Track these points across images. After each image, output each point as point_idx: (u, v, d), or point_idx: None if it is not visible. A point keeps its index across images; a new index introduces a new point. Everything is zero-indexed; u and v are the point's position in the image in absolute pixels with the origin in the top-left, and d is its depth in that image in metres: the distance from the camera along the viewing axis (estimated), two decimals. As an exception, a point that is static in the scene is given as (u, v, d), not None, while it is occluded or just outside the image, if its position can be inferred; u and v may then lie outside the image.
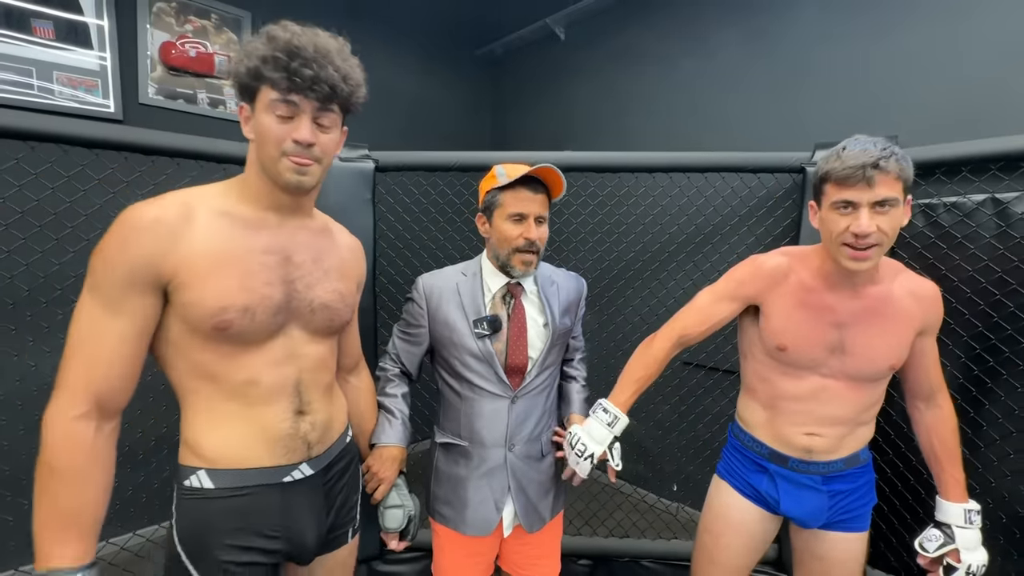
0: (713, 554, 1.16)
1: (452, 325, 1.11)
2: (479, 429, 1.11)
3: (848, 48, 1.82)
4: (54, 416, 0.71)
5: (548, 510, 1.17)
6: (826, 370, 1.04)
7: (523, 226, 1.07)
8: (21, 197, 1.43)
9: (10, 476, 1.67)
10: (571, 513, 2.07)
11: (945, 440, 1.10)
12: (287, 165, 0.79)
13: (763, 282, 1.08)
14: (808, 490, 1.08)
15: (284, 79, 0.74)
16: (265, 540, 0.82)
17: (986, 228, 1.49)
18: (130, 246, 0.72)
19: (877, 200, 0.89)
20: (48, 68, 1.83)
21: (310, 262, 0.87)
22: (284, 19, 0.80)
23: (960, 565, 1.01)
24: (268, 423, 0.82)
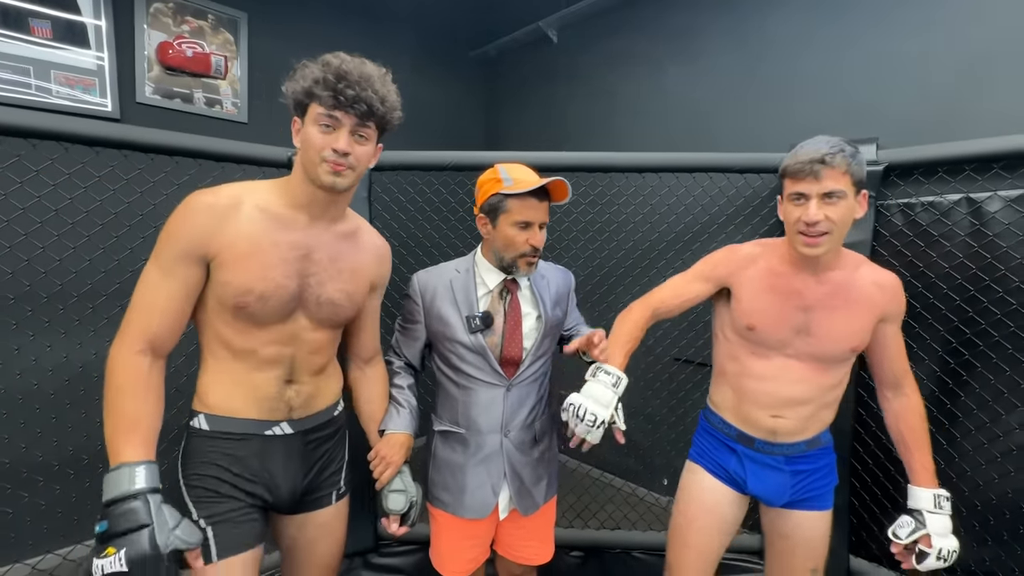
0: (687, 537, 1.20)
1: (446, 320, 1.15)
2: (475, 417, 1.15)
3: (831, 53, 1.87)
4: (119, 350, 0.87)
5: (541, 495, 1.21)
6: (791, 351, 1.11)
7: (529, 232, 1.11)
8: (22, 193, 1.46)
9: (10, 469, 1.69)
10: (563, 506, 2.12)
11: (913, 427, 1.15)
12: (326, 168, 0.91)
13: (736, 265, 1.17)
14: (772, 470, 1.15)
15: (331, 97, 0.88)
16: (245, 482, 0.96)
17: (961, 226, 1.56)
18: (187, 224, 0.88)
19: (825, 192, 0.98)
20: (46, 67, 1.85)
21: (327, 261, 0.99)
22: (279, 21, 0.86)
23: (931, 550, 1.04)
24: (259, 385, 0.96)
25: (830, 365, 1.11)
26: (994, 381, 1.53)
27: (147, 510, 0.78)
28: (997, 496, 1.53)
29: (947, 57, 1.63)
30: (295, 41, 2.44)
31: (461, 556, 1.20)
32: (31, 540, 1.68)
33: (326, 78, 0.88)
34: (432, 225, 2.19)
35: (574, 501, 2.09)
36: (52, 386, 1.69)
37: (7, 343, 1.56)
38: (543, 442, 1.23)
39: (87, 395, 1.79)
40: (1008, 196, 1.47)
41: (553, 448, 1.28)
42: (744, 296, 1.14)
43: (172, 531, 0.80)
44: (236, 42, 2.27)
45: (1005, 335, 1.49)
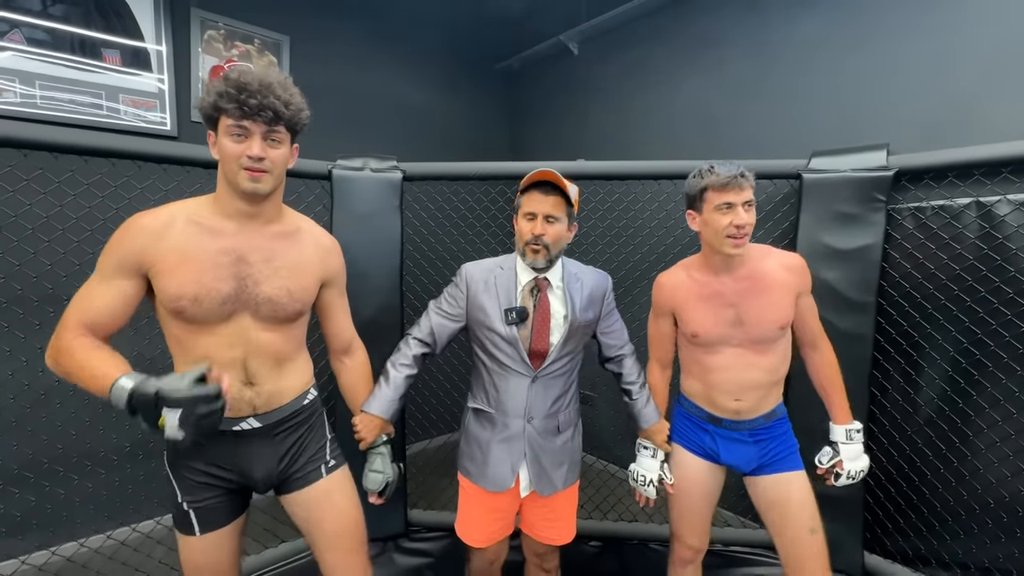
0: (683, 507, 1.41)
1: (486, 311, 1.27)
2: (504, 400, 1.27)
3: (843, 62, 1.93)
4: (61, 338, 0.95)
5: (561, 479, 1.31)
6: (735, 341, 1.30)
7: (533, 223, 1.23)
8: (103, 206, 1.65)
9: (63, 455, 1.88)
10: (583, 498, 2.20)
11: (829, 376, 1.37)
12: (244, 176, 0.99)
13: (667, 293, 1.39)
14: (739, 443, 1.35)
15: (236, 108, 0.95)
16: (219, 470, 1.08)
17: (971, 230, 1.59)
18: (124, 241, 0.98)
19: (746, 200, 1.22)
20: (115, 92, 2.06)
21: (261, 262, 1.05)
22: (318, 42, 0.99)
23: (843, 471, 1.33)
24: None
25: (768, 345, 1.30)
26: (1005, 380, 1.56)
27: (148, 383, 0.85)
28: (1010, 494, 1.56)
29: (959, 62, 1.67)
30: (332, 61, 2.62)
31: (484, 527, 1.31)
32: (79, 520, 1.88)
33: (228, 91, 0.94)
34: (459, 232, 2.32)
35: (593, 493, 2.17)
36: None
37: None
38: (566, 432, 1.33)
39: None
40: (1017, 199, 1.51)
41: (576, 439, 1.38)
42: (684, 313, 1.35)
43: (180, 380, 0.86)
44: (279, 63, 2.46)
45: (1016, 335, 1.52)
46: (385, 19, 2.80)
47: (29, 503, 1.77)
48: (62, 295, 1.76)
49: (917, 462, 1.73)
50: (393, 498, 1.96)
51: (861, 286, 1.73)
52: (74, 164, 1.44)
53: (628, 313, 2.35)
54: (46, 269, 1.59)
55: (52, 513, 1.85)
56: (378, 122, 2.82)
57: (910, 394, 1.74)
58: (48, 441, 1.76)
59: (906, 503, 1.76)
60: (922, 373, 1.72)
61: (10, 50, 1.86)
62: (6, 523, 1.76)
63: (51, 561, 1.66)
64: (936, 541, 1.71)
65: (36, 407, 1.77)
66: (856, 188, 1.72)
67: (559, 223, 1.24)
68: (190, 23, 2.22)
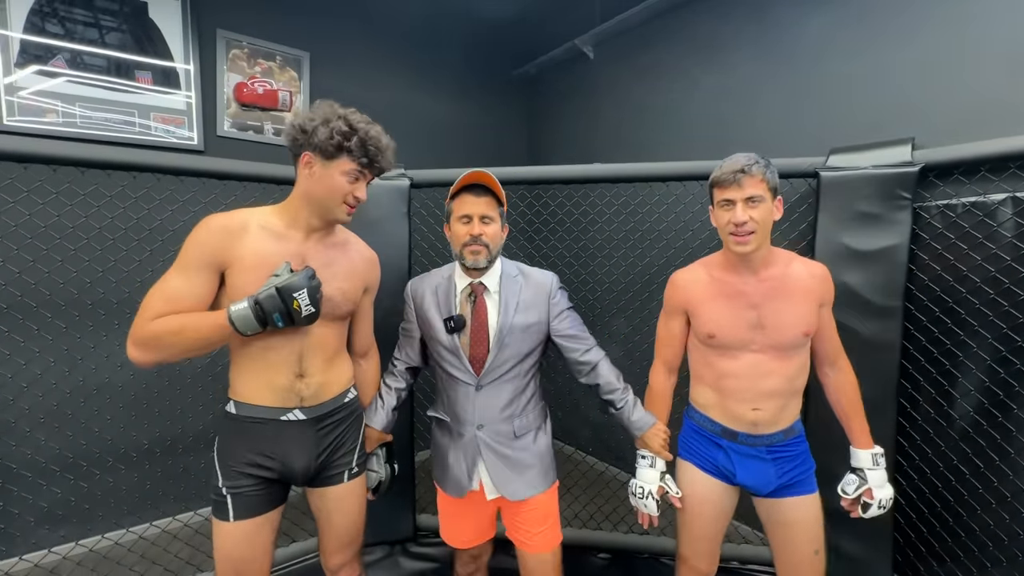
0: (691, 529, 1.31)
1: (431, 323, 1.29)
2: (455, 409, 1.28)
3: (860, 56, 1.82)
4: (142, 328, 1.03)
5: (529, 484, 1.26)
6: (755, 346, 1.22)
7: (470, 225, 1.23)
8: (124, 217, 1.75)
9: (99, 457, 1.99)
10: (591, 508, 2.15)
11: (850, 397, 1.28)
12: (344, 210, 1.15)
13: (681, 290, 1.32)
14: (757, 460, 1.25)
15: (364, 160, 1.12)
16: (264, 459, 1.13)
17: (1007, 227, 1.47)
18: (205, 240, 1.07)
19: (747, 196, 1.14)
20: (146, 110, 2.19)
21: (322, 267, 1.15)
22: (337, 57, 1.04)
23: (873, 501, 1.23)
24: (273, 379, 1.13)
25: (789, 352, 1.22)
26: (1050, 393, 1.42)
27: (266, 293, 1.01)
28: (1058, 518, 1.41)
29: (983, 52, 1.56)
30: (351, 75, 2.70)
31: (459, 529, 1.33)
32: (101, 514, 1.99)
33: (360, 140, 1.09)
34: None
35: (603, 503, 2.12)
36: (135, 383, 1.99)
37: (101, 347, 1.86)
38: (525, 437, 1.28)
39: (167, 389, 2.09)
40: (1059, 194, 1.38)
41: (539, 442, 1.31)
42: (699, 311, 1.27)
43: (286, 275, 1.04)
44: (299, 78, 2.56)
45: (1060, 343, 1.39)
46: (402, 32, 2.86)
47: (55, 496, 1.88)
48: (85, 300, 1.90)
49: (952, 480, 1.60)
50: (402, 503, 2.00)
51: (886, 290, 1.62)
52: (124, 180, 1.58)
53: (646, 311, 2.31)
54: (72, 275, 1.70)
55: (75, 507, 1.97)
56: (398, 132, 2.85)
57: (943, 406, 1.61)
58: (73, 437, 1.87)
59: (940, 525, 1.62)
60: (956, 384, 1.59)
61: (55, 74, 2.01)
62: (36, 514, 1.87)
63: (73, 553, 1.77)
64: (975, 567, 1.56)
65: (63, 405, 1.89)
66: (878, 185, 1.62)
67: (494, 223, 1.25)
68: (216, 43, 2.34)
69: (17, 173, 1.48)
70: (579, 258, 2.38)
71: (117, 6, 2.13)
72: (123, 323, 1.93)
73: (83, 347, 1.88)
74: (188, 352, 1.04)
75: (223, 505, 1.12)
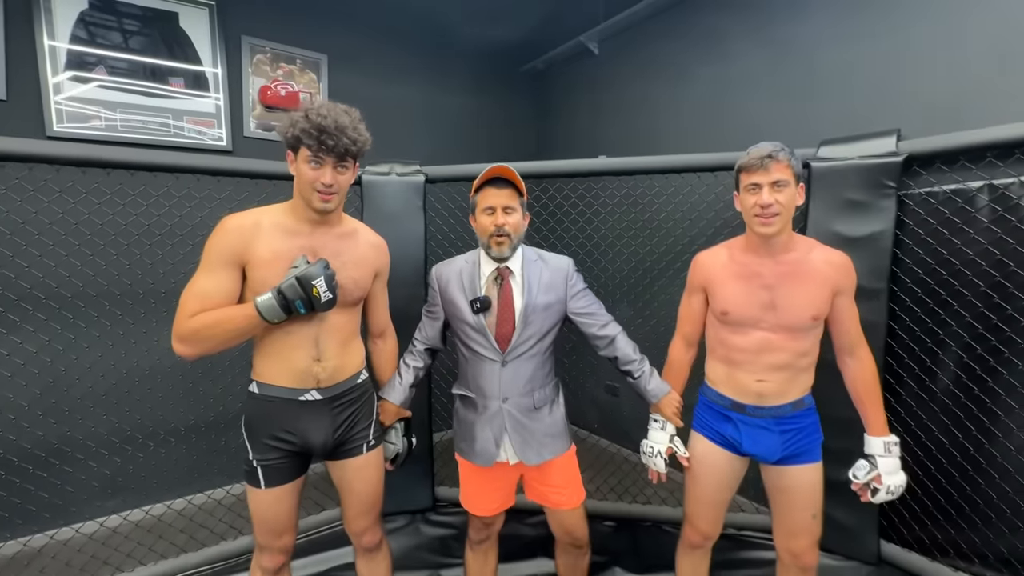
0: (697, 493, 1.41)
1: (456, 304, 1.40)
2: (481, 384, 1.39)
3: (851, 51, 1.91)
4: (183, 324, 1.15)
5: (547, 449, 1.40)
6: (765, 325, 1.29)
7: (493, 216, 1.34)
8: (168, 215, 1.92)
9: (152, 431, 2.18)
10: (598, 481, 2.30)
11: (868, 386, 1.34)
12: (317, 197, 1.20)
13: (704, 269, 1.40)
14: (764, 431, 1.32)
15: (315, 145, 1.15)
16: (286, 434, 1.25)
17: (984, 213, 1.57)
18: (223, 241, 1.18)
19: (773, 180, 1.22)
20: (180, 114, 2.36)
21: (331, 257, 1.24)
22: (353, 58, 1.14)
23: (882, 486, 1.27)
24: (293, 362, 1.24)
25: (799, 333, 1.28)
26: (1022, 367, 1.52)
27: (287, 283, 1.12)
28: (1029, 482, 1.53)
29: (968, 45, 1.64)
30: (367, 75, 2.84)
31: (483, 498, 1.45)
32: (155, 484, 2.19)
33: (309, 131, 1.14)
34: (479, 228, 2.47)
35: (608, 476, 2.27)
36: (182, 366, 2.18)
37: (151, 333, 2.05)
38: (543, 409, 1.41)
39: (209, 372, 2.27)
40: (1031, 181, 1.48)
41: (555, 413, 1.44)
42: (716, 290, 1.36)
43: (303, 266, 1.15)
44: (319, 80, 2.70)
45: (1032, 320, 1.49)
46: (415, 33, 2.99)
47: (114, 467, 2.08)
48: (137, 290, 2.08)
49: (933, 450, 1.71)
50: (422, 477, 2.16)
51: (873, 273, 1.72)
52: (168, 180, 1.76)
53: (655, 302, 2.44)
54: (125, 268, 1.88)
55: (130, 478, 2.17)
56: (413, 130, 3.02)
57: (925, 381, 1.72)
58: (128, 415, 2.07)
59: (923, 492, 1.74)
60: (937, 360, 1.69)
61: (95, 81, 2.18)
62: (89, 490, 2.08)
63: (130, 519, 1.97)
64: (953, 530, 1.68)
65: (119, 386, 2.08)
66: (865, 175, 1.72)
67: (516, 213, 1.36)
68: (241, 48, 2.49)
69: (76, 176, 1.65)
70: (584, 247, 2.50)
71: (151, 16, 2.29)
72: (164, 315, 2.14)
73: (136, 333, 2.08)
74: (225, 343, 1.16)
75: (255, 475, 1.26)
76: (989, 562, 1.61)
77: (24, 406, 1.90)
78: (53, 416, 2.00)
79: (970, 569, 1.65)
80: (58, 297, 1.92)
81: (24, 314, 1.87)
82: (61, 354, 1.97)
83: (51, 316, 1.92)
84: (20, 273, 1.79)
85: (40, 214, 1.75)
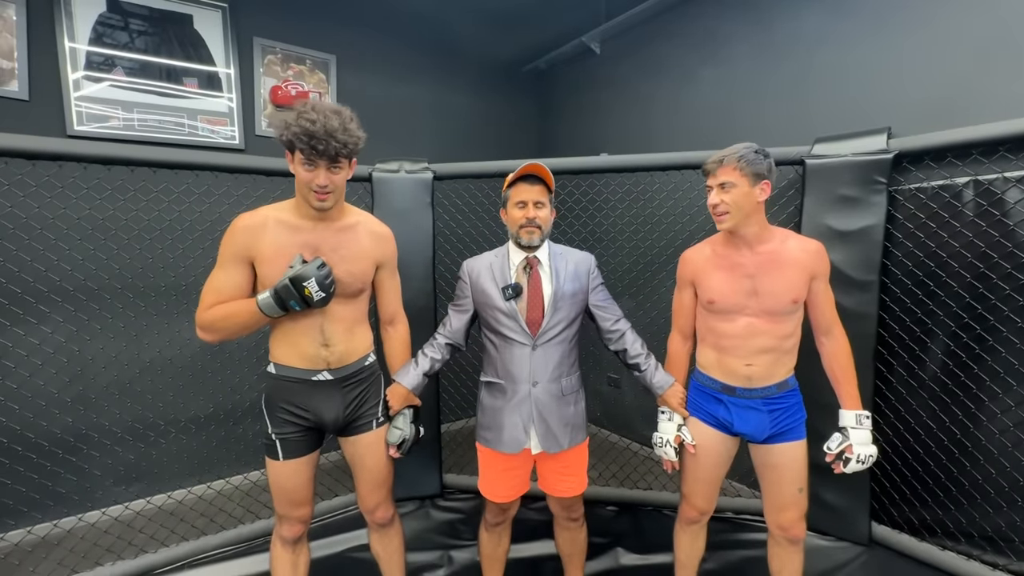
0: (692, 471, 1.49)
1: (488, 293, 1.48)
2: (511, 370, 1.46)
3: (845, 52, 1.98)
4: (203, 316, 1.27)
5: (567, 438, 1.47)
6: (749, 311, 1.38)
7: (525, 210, 1.43)
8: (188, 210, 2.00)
9: (153, 423, 2.26)
10: (600, 468, 2.39)
11: (842, 363, 1.42)
12: (313, 197, 1.26)
13: (690, 264, 1.50)
14: (753, 411, 1.40)
15: (307, 149, 1.21)
16: (300, 411, 1.35)
17: (970, 208, 1.64)
18: (234, 239, 1.28)
19: (720, 183, 1.34)
20: (194, 113, 2.43)
21: (330, 251, 1.32)
22: (361, 59, 1.22)
23: (852, 455, 1.36)
24: (301, 347, 1.34)
25: (781, 317, 1.37)
26: (1005, 353, 1.60)
27: (282, 283, 1.21)
28: (1012, 464, 1.60)
29: (957, 46, 1.71)
30: (374, 74, 2.91)
31: (502, 485, 1.51)
32: (168, 475, 2.27)
33: (300, 136, 1.19)
34: (484, 225, 2.54)
35: (610, 463, 2.35)
36: (195, 361, 2.27)
37: (166, 329, 2.13)
38: (568, 397, 1.49)
39: (222, 367, 2.35)
40: (1014, 176, 1.55)
41: (579, 405, 1.52)
42: (703, 282, 1.45)
43: (297, 266, 1.23)
44: (328, 79, 2.77)
45: (1014, 309, 1.56)
46: (420, 34, 3.05)
47: (130, 459, 2.17)
48: (152, 288, 2.17)
49: (922, 434, 1.79)
50: (431, 464, 2.24)
51: (864, 266, 1.80)
52: (188, 178, 1.84)
53: (655, 295, 2.51)
54: (140, 267, 1.96)
55: (146, 468, 2.26)
56: (420, 128, 3.09)
57: (914, 369, 1.80)
58: (144, 408, 2.15)
59: (912, 474, 1.82)
60: (926, 348, 1.77)
61: (114, 82, 2.25)
62: (113, 475, 2.17)
63: (146, 508, 2.05)
64: (941, 511, 1.76)
65: (135, 380, 2.17)
66: (857, 171, 1.79)
67: (545, 208, 1.45)
68: (253, 49, 2.56)
69: (102, 174, 1.72)
70: (587, 242, 2.58)
71: (165, 18, 2.36)
72: (184, 308, 2.22)
73: (158, 325, 2.16)
74: (238, 332, 1.28)
75: (273, 448, 1.35)
76: (975, 540, 1.69)
77: (54, 393, 1.98)
78: (81, 404, 2.08)
79: (957, 547, 1.73)
80: (85, 290, 2.00)
81: (54, 306, 1.95)
82: (88, 344, 2.05)
83: (79, 308, 2.00)
84: (50, 267, 1.87)
85: (68, 210, 1.83)
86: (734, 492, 2.29)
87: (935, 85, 1.76)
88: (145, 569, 1.81)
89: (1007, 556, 1.62)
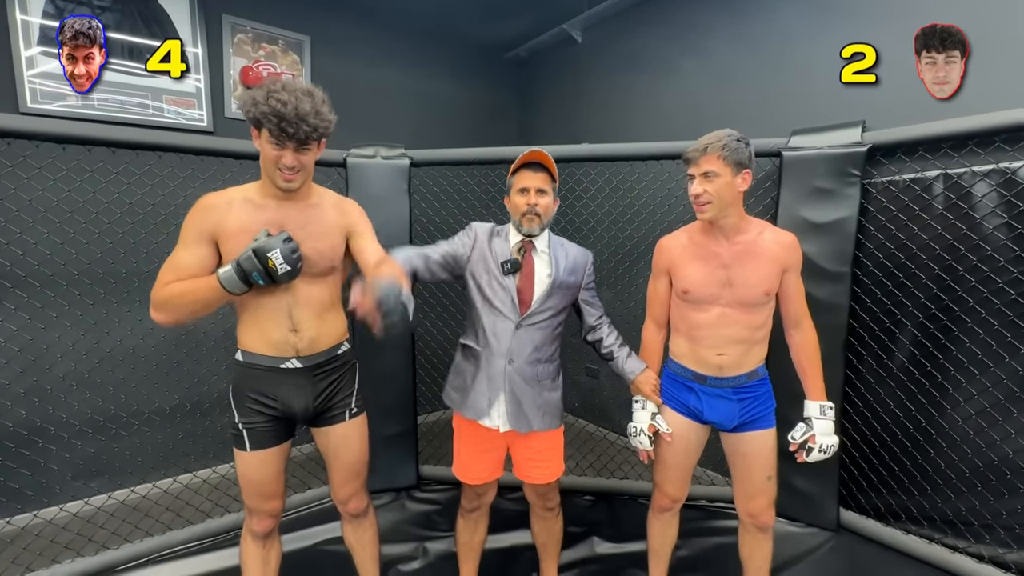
0: (664, 459, 1.50)
1: (486, 257, 1.47)
2: (490, 341, 1.46)
3: (821, 46, 1.98)
4: (158, 293, 1.22)
5: (539, 421, 1.46)
6: (723, 301, 1.38)
7: (527, 196, 1.42)
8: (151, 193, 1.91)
9: (129, 414, 2.18)
10: (577, 457, 2.39)
11: (810, 355, 1.44)
12: (279, 176, 1.22)
13: (666, 253, 1.49)
14: (722, 400, 1.42)
15: (276, 131, 1.16)
16: (268, 399, 1.31)
17: (939, 200, 1.67)
18: (199, 218, 1.24)
19: (703, 172, 1.32)
20: (159, 93, 2.32)
21: (297, 229, 1.27)
22: (337, 41, 1.14)
23: (815, 445, 1.37)
24: (269, 332, 1.29)
25: (753, 308, 1.38)
26: (969, 344, 1.64)
27: (244, 255, 1.15)
28: (972, 450, 1.65)
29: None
30: (350, 57, 2.82)
31: (475, 466, 1.50)
32: (131, 470, 2.20)
33: (269, 117, 1.13)
34: (462, 212, 2.50)
35: (587, 452, 2.36)
36: (158, 351, 2.19)
37: (127, 319, 2.04)
38: (544, 382, 1.48)
39: (187, 357, 2.27)
40: (982, 170, 1.58)
41: (555, 393, 1.51)
42: (678, 271, 1.45)
43: (260, 239, 1.17)
44: (301, 61, 2.68)
45: (979, 300, 1.61)
46: (399, 17, 2.97)
47: (89, 453, 2.08)
48: (111, 275, 2.07)
49: (889, 422, 1.83)
50: (407, 456, 2.21)
51: (837, 257, 1.83)
52: (151, 159, 1.74)
53: (633, 285, 2.51)
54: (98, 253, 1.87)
55: (107, 463, 2.17)
56: (397, 113, 3.02)
57: (883, 359, 1.84)
58: (103, 401, 2.07)
59: (879, 461, 1.87)
60: (895, 339, 1.81)
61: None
62: (72, 469, 2.07)
63: (107, 504, 1.97)
64: (906, 496, 1.81)
65: (94, 372, 2.07)
66: (832, 164, 1.81)
67: (547, 196, 1.44)
68: (222, 27, 2.46)
69: (56, 153, 1.63)
70: (566, 232, 2.56)
71: (128, -8, 2.24)
72: (146, 296, 2.10)
73: (119, 313, 2.07)
74: (195, 311, 1.21)
75: (240, 438, 1.31)
76: (936, 524, 1.75)
77: (5, 384, 1.88)
78: (35, 395, 1.98)
79: (920, 532, 1.78)
80: (39, 276, 1.90)
81: (5, 292, 1.85)
82: (43, 333, 1.95)
83: (32, 295, 1.90)
84: (0, 251, 1.77)
85: (19, 191, 1.73)
86: (708, 480, 2.32)
87: (906, 79, 1.78)
88: (106, 566, 1.75)
89: (966, 539, 1.68)
